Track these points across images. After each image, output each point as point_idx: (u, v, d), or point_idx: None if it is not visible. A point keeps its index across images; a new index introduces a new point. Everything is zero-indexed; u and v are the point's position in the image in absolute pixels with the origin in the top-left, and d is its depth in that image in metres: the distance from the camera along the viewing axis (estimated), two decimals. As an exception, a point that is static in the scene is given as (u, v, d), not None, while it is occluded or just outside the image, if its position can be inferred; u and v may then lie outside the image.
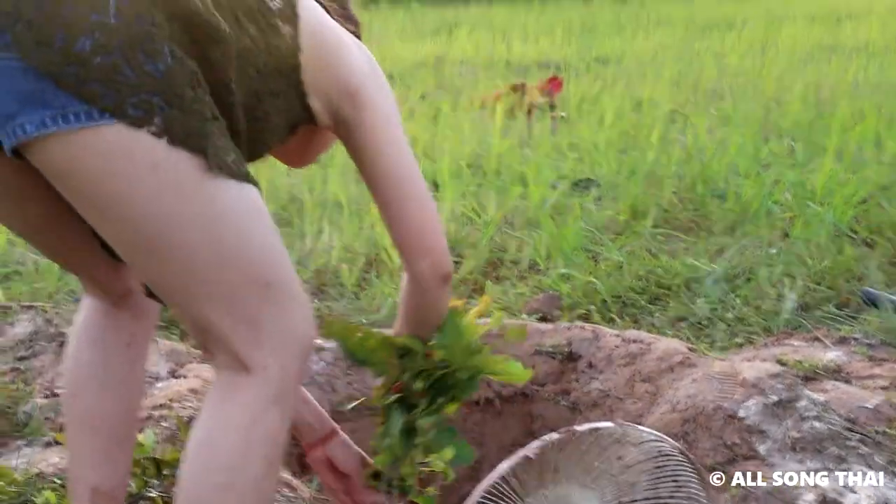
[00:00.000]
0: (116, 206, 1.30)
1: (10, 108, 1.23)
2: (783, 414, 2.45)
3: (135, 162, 1.27)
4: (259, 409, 1.46)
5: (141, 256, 1.39)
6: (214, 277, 1.39)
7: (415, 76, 9.27)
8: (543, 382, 3.01)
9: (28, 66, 1.20)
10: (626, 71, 9.29)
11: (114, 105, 1.23)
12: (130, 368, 1.84)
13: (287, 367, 1.48)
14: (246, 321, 1.43)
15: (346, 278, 3.88)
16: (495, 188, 5.03)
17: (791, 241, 4.07)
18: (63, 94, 1.21)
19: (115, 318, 1.82)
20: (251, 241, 1.41)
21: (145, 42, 1.25)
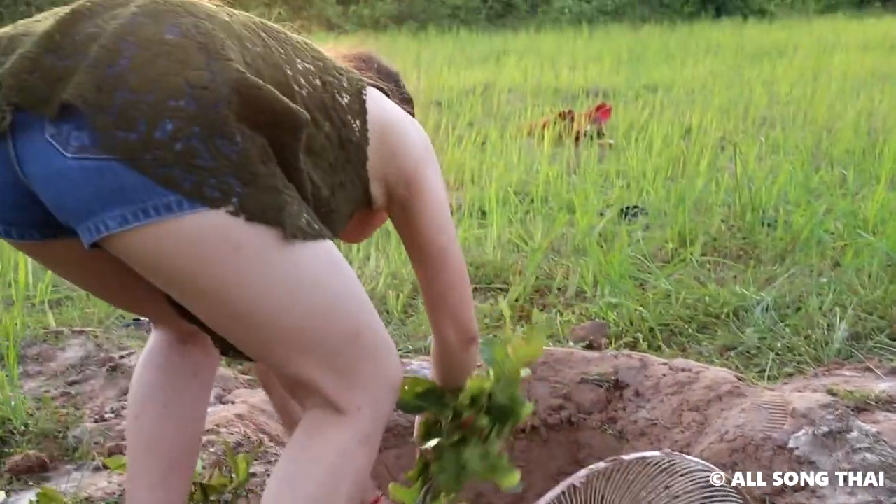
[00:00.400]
0: (204, 290, 1.35)
1: (91, 205, 1.27)
2: (834, 445, 2.41)
3: (217, 246, 1.31)
4: (350, 449, 1.50)
5: (232, 329, 1.44)
6: (308, 338, 1.43)
7: (463, 103, 9.30)
8: (590, 411, 2.99)
9: (107, 162, 1.24)
10: (674, 98, 9.26)
11: (192, 188, 1.26)
12: (194, 398, 1.88)
13: (379, 408, 1.53)
14: (339, 371, 1.48)
15: (392, 305, 3.89)
16: (542, 215, 5.03)
17: (842, 271, 4.02)
18: (142, 188, 1.25)
19: (183, 349, 1.87)
20: (337, 296, 1.46)
21: (221, 126, 1.28)
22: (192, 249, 1.30)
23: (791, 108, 8.49)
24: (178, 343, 1.87)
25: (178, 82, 1.26)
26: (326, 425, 1.50)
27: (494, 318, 3.78)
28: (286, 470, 1.51)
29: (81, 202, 1.27)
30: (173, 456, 1.86)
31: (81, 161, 1.24)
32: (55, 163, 1.26)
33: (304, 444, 1.51)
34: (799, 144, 6.70)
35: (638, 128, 7.48)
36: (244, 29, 1.44)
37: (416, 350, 3.46)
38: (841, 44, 14.40)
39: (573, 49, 15.42)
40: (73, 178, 1.26)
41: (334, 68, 1.64)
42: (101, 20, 1.33)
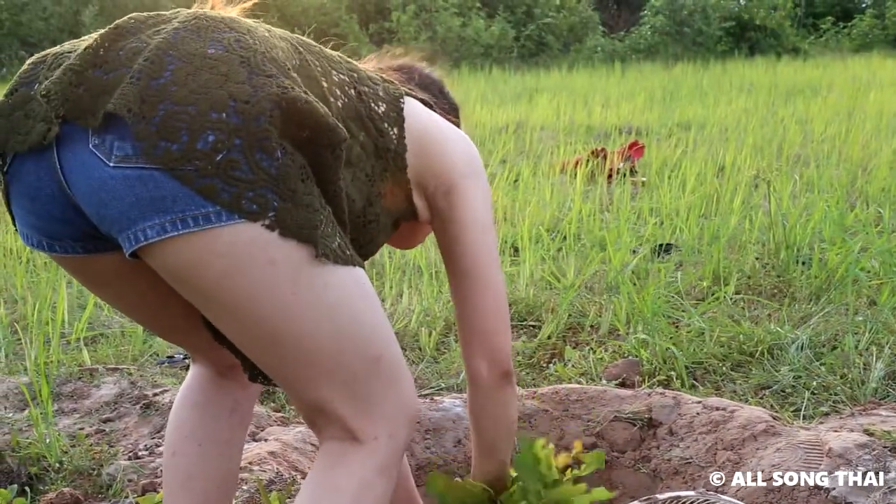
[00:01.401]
0: (235, 303, 1.36)
1: (131, 214, 1.29)
2: (871, 486, 2.38)
3: (251, 259, 1.32)
4: (368, 479, 1.49)
5: (258, 348, 1.44)
6: (330, 361, 1.44)
7: (495, 141, 9.33)
8: (623, 450, 2.97)
9: (148, 171, 1.26)
10: (708, 136, 9.24)
11: (231, 200, 1.28)
12: (231, 434, 1.88)
13: (396, 438, 1.52)
14: (358, 397, 1.48)
15: (425, 342, 3.89)
16: (575, 253, 5.02)
17: (878, 309, 3.98)
18: (182, 198, 1.27)
19: (221, 385, 1.87)
20: (363, 322, 1.47)
21: (262, 140, 1.30)
22: (226, 261, 1.31)
23: (825, 146, 8.46)
24: (216, 378, 1.87)
25: (220, 95, 1.28)
26: (345, 456, 1.50)
27: (527, 355, 3.78)
28: (310, 499, 1.50)
29: (122, 211, 1.29)
30: (210, 495, 1.85)
31: (123, 170, 1.27)
32: (98, 172, 1.29)
33: (324, 476, 1.51)
34: (833, 182, 6.66)
35: (671, 165, 7.47)
36: (281, 42, 1.47)
37: (449, 388, 3.46)
38: (876, 82, 14.34)
39: (606, 87, 15.46)
40: (114, 188, 1.28)
41: (369, 78, 1.65)
42: (145, 35, 1.36)
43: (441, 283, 4.57)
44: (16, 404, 3.18)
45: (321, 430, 1.54)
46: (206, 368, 1.88)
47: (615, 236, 5.10)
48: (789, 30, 25.30)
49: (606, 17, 27.71)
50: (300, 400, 1.53)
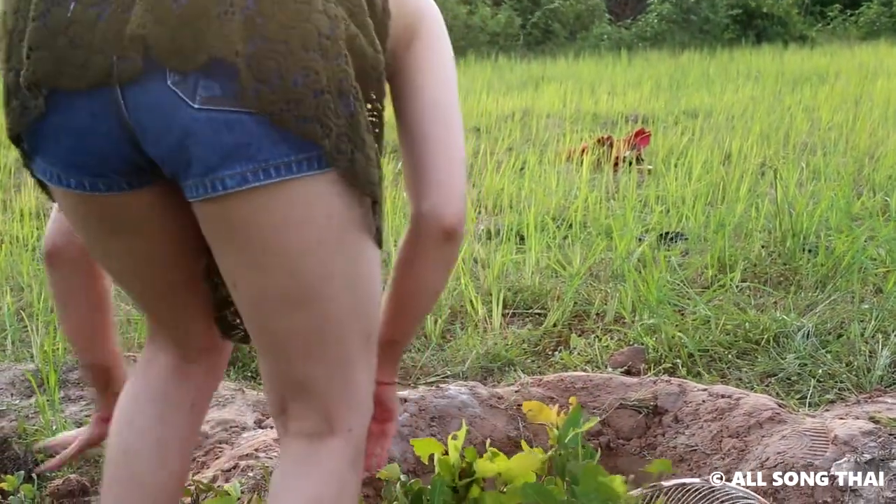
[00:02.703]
0: (280, 255, 1.32)
1: (210, 161, 1.24)
2: (876, 473, 2.39)
3: (314, 210, 1.29)
4: (345, 474, 1.48)
5: (277, 309, 1.39)
6: (336, 333, 1.42)
7: (501, 129, 9.32)
8: (629, 437, 2.98)
9: (236, 115, 1.21)
10: (714, 124, 9.22)
11: (330, 146, 1.25)
12: (190, 426, 1.77)
13: (363, 427, 1.52)
14: (346, 379, 1.46)
15: (430, 329, 3.90)
16: (581, 241, 5.02)
17: (884, 297, 3.98)
18: (267, 147, 1.22)
19: (184, 375, 1.75)
20: (376, 291, 1.46)
21: (342, 81, 1.26)
22: (289, 212, 1.28)
23: (832, 134, 8.43)
24: (179, 368, 1.74)
25: (308, 30, 1.22)
26: (318, 455, 1.47)
27: (533, 343, 3.78)
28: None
29: (202, 157, 1.23)
30: (161, 495, 1.73)
31: (209, 112, 1.21)
32: (179, 113, 1.22)
33: (303, 485, 1.46)
34: (840, 170, 6.65)
35: (677, 153, 7.45)
36: None
37: (454, 375, 3.46)
38: (883, 69, 14.29)
39: (612, 75, 15.42)
40: (197, 131, 1.22)
41: None
42: None
43: (447, 270, 4.56)
44: (22, 391, 3.19)
45: (291, 420, 1.49)
46: (170, 357, 1.73)
47: (621, 224, 5.10)
48: (796, 17, 25.19)
49: (613, 5, 27.61)
50: (286, 375, 1.47)
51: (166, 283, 1.60)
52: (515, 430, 2.93)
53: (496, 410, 2.97)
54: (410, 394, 3.01)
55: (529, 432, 2.91)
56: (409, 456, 2.69)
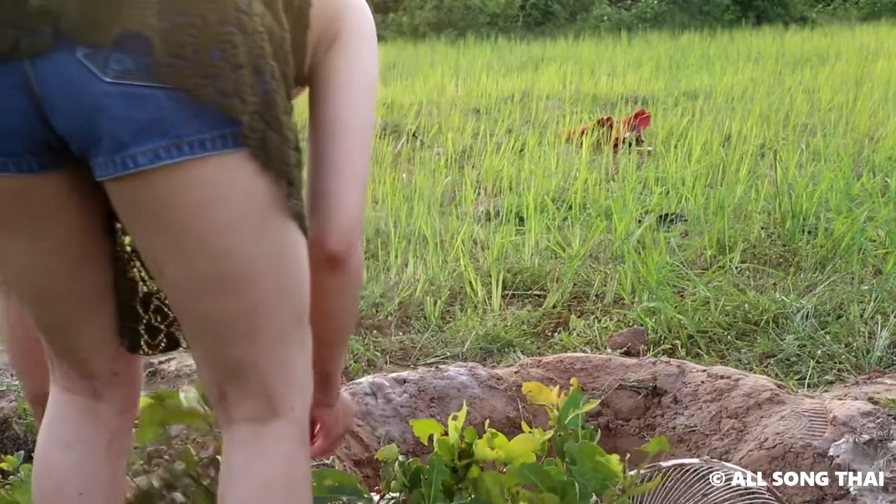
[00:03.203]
0: (201, 235, 1.28)
1: (122, 137, 1.19)
2: (875, 453, 2.39)
3: (233, 188, 1.26)
4: (293, 455, 1.46)
5: (205, 293, 1.35)
6: (266, 315, 1.38)
7: (501, 110, 9.30)
8: (628, 417, 2.98)
9: (150, 90, 1.17)
10: (714, 106, 9.21)
11: (248, 121, 1.22)
12: (112, 471, 1.63)
13: (306, 405, 1.49)
14: (282, 360, 1.43)
15: (430, 311, 3.90)
16: (580, 222, 5.02)
17: (884, 278, 3.98)
18: (181, 123, 1.19)
19: (94, 415, 1.61)
20: (300, 281, 1.41)
21: (259, 58, 1.23)
22: (207, 189, 1.24)
23: (832, 116, 8.42)
24: (88, 406, 1.61)
25: (225, 3, 1.20)
26: (263, 439, 1.44)
27: (532, 324, 3.78)
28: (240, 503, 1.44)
29: (113, 133, 1.19)
30: None
31: (120, 87, 1.16)
32: (89, 87, 1.17)
33: (250, 470, 1.44)
34: (840, 152, 6.64)
35: (677, 135, 7.45)
36: None
37: (454, 356, 3.47)
38: (884, 50, 14.26)
39: (612, 56, 15.38)
40: (108, 106, 1.17)
41: None
42: None
43: (446, 252, 4.57)
44: (22, 372, 3.19)
45: (231, 407, 1.45)
46: (74, 395, 1.60)
47: (620, 205, 5.09)
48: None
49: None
50: (220, 360, 1.43)
51: (68, 290, 1.49)
52: (515, 411, 2.93)
53: (495, 391, 2.98)
54: (410, 374, 3.01)
55: (529, 413, 2.91)
56: (408, 436, 2.70)
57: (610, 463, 1.94)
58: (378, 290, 4.13)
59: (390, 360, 3.47)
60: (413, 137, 7.81)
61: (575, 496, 1.94)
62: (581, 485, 1.94)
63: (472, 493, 2.03)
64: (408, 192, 5.80)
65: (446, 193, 6.00)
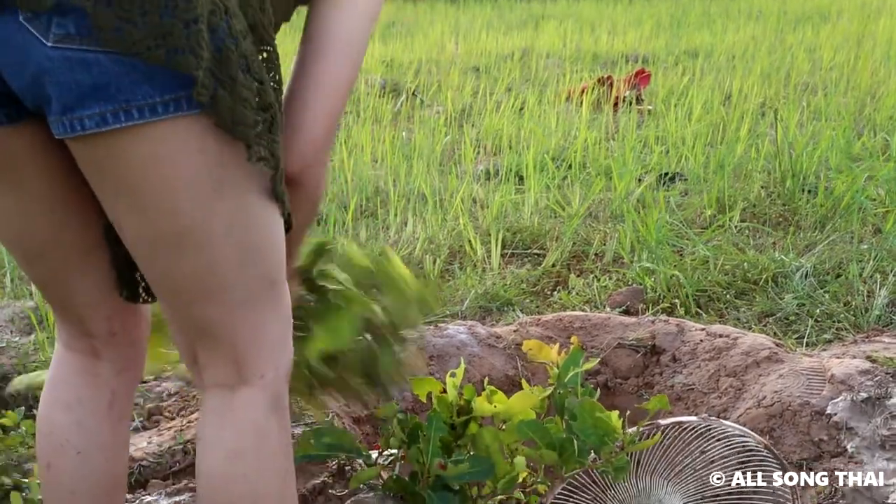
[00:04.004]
0: (154, 192, 1.26)
1: (67, 100, 1.18)
2: (872, 411, 2.40)
3: (185, 145, 1.23)
4: (262, 423, 1.44)
5: (160, 249, 1.33)
6: (231, 274, 1.36)
7: (501, 69, 9.25)
8: (626, 376, 2.99)
9: (93, 55, 1.15)
10: (715, 64, 9.16)
11: (203, 77, 1.19)
12: (113, 434, 1.64)
13: (280, 371, 1.47)
14: (249, 322, 1.41)
15: (429, 269, 3.90)
16: (580, 181, 5.01)
17: (883, 237, 3.98)
18: (127, 87, 1.17)
19: (94, 374, 1.62)
20: (270, 242, 1.39)
21: (213, 14, 1.21)
22: (157, 147, 1.22)
23: (834, 74, 8.38)
24: (87, 367, 1.62)
25: None
26: (232, 406, 1.43)
27: (531, 283, 3.78)
28: (210, 471, 1.44)
29: (58, 96, 1.18)
30: (97, 502, 1.63)
31: (64, 51, 1.15)
32: (32, 50, 1.16)
33: (218, 440, 1.44)
34: (841, 110, 6.61)
35: (677, 94, 7.41)
36: None
37: (453, 315, 3.47)
38: (886, 8, 14.14)
39: (613, 14, 15.27)
40: (51, 70, 1.16)
41: None
42: None
43: (445, 211, 4.56)
44: (22, 328, 3.20)
45: (203, 370, 1.45)
46: (76, 353, 1.62)
47: (620, 164, 5.08)
48: (799, -45, 24.93)
49: (614, -57, 27.27)
50: (188, 320, 1.43)
51: (55, 243, 1.49)
52: (514, 369, 2.94)
53: (495, 349, 2.99)
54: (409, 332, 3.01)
55: (528, 371, 2.92)
56: (407, 394, 2.70)
57: (610, 419, 1.95)
58: (377, 248, 4.13)
59: (389, 318, 3.47)
60: (412, 96, 7.78)
61: (573, 453, 1.95)
62: (580, 441, 1.95)
63: (471, 449, 2.04)
64: (407, 150, 5.78)
65: (446, 152, 5.98)
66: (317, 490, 2.06)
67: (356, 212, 4.69)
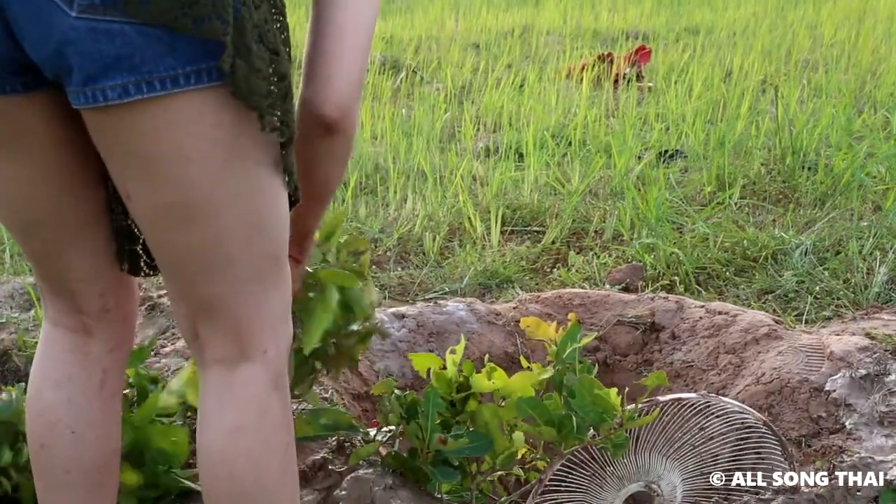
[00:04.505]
0: (167, 165, 1.26)
1: (91, 71, 1.18)
2: (871, 388, 2.41)
3: (201, 116, 1.24)
4: (264, 399, 1.44)
5: (172, 222, 1.33)
6: (236, 249, 1.36)
7: (501, 46, 9.22)
8: (626, 353, 2.99)
9: (119, 26, 1.16)
10: (716, 41, 9.13)
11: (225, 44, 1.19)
12: (105, 413, 1.62)
13: (281, 348, 1.47)
14: (255, 299, 1.41)
15: (428, 247, 3.90)
16: (580, 158, 5.00)
17: (883, 215, 3.98)
18: (151, 59, 1.17)
19: (85, 353, 1.60)
20: (276, 217, 1.39)
21: None
22: (175, 119, 1.23)
23: (834, 51, 8.36)
24: (78, 345, 1.60)
25: None
26: (233, 382, 1.43)
27: (531, 260, 3.78)
28: (210, 448, 1.44)
29: (81, 66, 1.18)
30: (92, 486, 1.62)
31: (89, 21, 1.15)
32: (57, 20, 1.17)
33: (219, 416, 1.43)
34: (842, 87, 6.60)
35: (678, 71, 7.39)
36: None
37: (452, 292, 3.47)
38: (888, -15, 14.11)
39: (613, -9, 15.22)
40: (75, 40, 1.17)
41: None
42: None
43: (445, 188, 4.56)
44: (21, 304, 3.20)
45: (204, 348, 1.45)
46: (66, 331, 1.60)
47: (620, 142, 5.07)
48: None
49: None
50: (191, 294, 1.42)
51: (54, 215, 1.48)
52: (513, 346, 2.94)
53: (494, 326, 2.99)
54: (409, 310, 3.02)
55: (527, 348, 2.93)
56: (406, 371, 2.71)
57: (608, 396, 1.95)
58: (377, 225, 4.13)
59: (389, 295, 3.48)
60: (412, 73, 7.75)
61: (572, 429, 1.95)
62: (578, 418, 1.95)
63: (470, 426, 2.04)
64: (407, 127, 5.77)
65: (446, 129, 5.97)
66: (316, 466, 2.07)
67: (356, 189, 4.68)
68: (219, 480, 1.45)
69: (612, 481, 2.06)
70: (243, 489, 1.44)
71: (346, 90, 1.41)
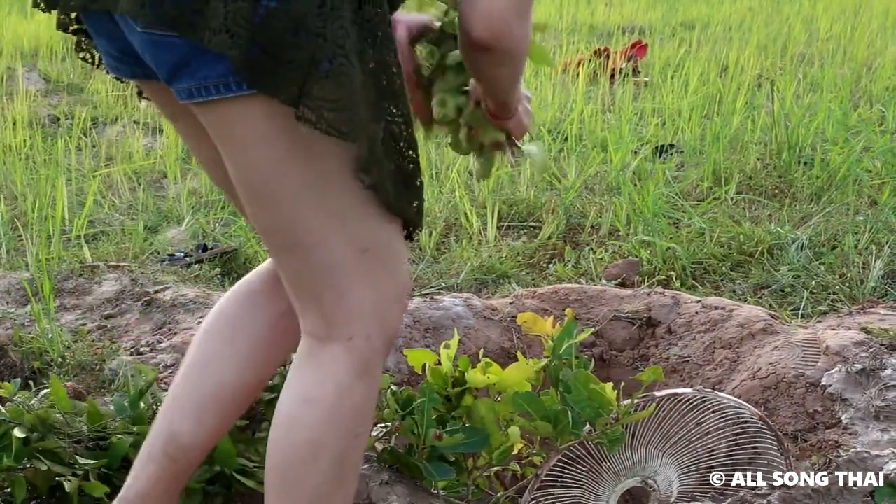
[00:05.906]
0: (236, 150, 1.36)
1: (164, 75, 1.33)
2: (867, 382, 2.41)
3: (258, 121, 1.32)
4: (344, 383, 1.45)
5: (249, 200, 1.42)
6: (311, 236, 1.40)
7: (497, 41, 9.19)
8: (622, 348, 3.00)
9: (169, 39, 1.27)
10: (711, 36, 9.12)
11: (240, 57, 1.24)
12: (272, 336, 1.68)
13: (372, 340, 1.46)
14: (336, 286, 1.43)
15: (425, 242, 3.89)
16: (576, 153, 4.99)
17: (879, 209, 3.98)
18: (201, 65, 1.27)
19: (273, 292, 1.66)
20: (354, 206, 1.39)
21: None
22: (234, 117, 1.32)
23: (830, 45, 8.35)
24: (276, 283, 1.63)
25: None
26: (320, 358, 1.46)
27: (527, 255, 3.78)
28: (284, 410, 1.47)
29: (156, 70, 1.33)
30: (221, 396, 1.67)
31: (151, 35, 1.29)
32: (138, 34, 1.31)
33: (298, 385, 1.47)
34: (838, 82, 6.60)
35: (674, 65, 7.38)
36: None
37: (449, 287, 3.47)
38: (884, -21, 14.11)
39: (609, -15, 15.20)
40: (145, 49, 1.32)
41: None
42: None
43: (441, 183, 4.56)
44: (17, 300, 3.19)
45: (302, 314, 1.50)
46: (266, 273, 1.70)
47: (617, 137, 5.06)
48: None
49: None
50: (281, 270, 1.50)
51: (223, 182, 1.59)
52: (509, 342, 2.94)
53: (490, 322, 2.99)
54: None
55: (523, 344, 2.92)
56: (403, 367, 2.71)
57: (604, 391, 1.95)
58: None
59: (385, 290, 3.47)
60: (408, 68, 7.73)
61: (568, 424, 1.95)
62: (574, 413, 1.96)
63: (466, 421, 2.04)
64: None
65: (442, 124, 5.95)
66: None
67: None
68: (279, 442, 1.49)
69: (609, 477, 2.06)
70: (297, 458, 1.47)
71: (497, 11, 1.35)
